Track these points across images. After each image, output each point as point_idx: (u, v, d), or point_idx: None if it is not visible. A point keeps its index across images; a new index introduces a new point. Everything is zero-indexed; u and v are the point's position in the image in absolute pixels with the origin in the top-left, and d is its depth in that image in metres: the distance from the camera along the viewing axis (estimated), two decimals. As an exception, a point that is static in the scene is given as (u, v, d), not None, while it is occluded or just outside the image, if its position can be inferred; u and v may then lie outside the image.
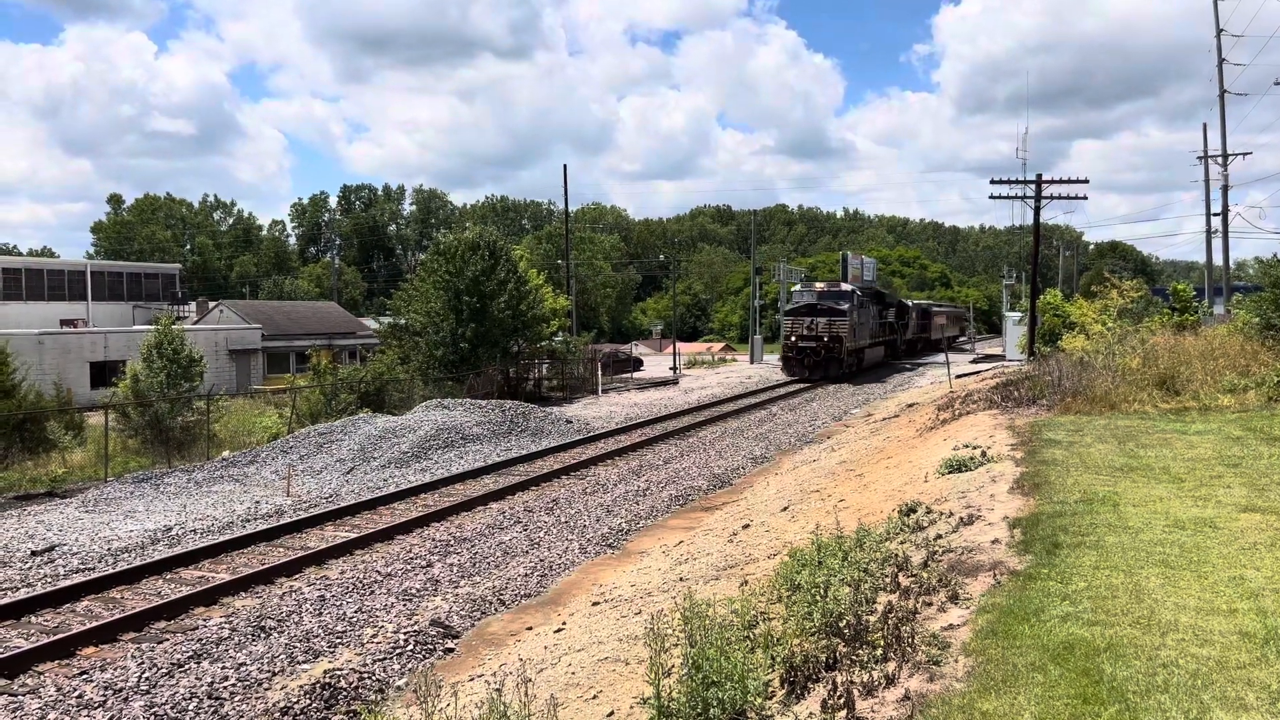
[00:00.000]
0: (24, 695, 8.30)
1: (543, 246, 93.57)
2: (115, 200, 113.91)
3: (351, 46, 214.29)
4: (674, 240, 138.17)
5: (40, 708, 8.07)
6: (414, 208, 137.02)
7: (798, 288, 48.81)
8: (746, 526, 13.47)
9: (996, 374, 33.92)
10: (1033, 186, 40.41)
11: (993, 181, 41.01)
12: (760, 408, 32.46)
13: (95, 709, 8.14)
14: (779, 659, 5.79)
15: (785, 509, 14.14)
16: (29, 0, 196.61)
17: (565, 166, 55.80)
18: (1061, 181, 40.55)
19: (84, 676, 8.74)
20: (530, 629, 10.36)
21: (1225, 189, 43.34)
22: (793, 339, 43.04)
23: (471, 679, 8.49)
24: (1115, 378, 18.37)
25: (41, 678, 8.67)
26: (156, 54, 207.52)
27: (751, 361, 60.83)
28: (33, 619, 10.51)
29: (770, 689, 5.60)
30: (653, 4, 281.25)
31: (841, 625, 6.08)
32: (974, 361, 52.93)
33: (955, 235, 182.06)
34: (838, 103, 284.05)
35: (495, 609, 11.23)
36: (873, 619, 6.20)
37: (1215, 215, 44.87)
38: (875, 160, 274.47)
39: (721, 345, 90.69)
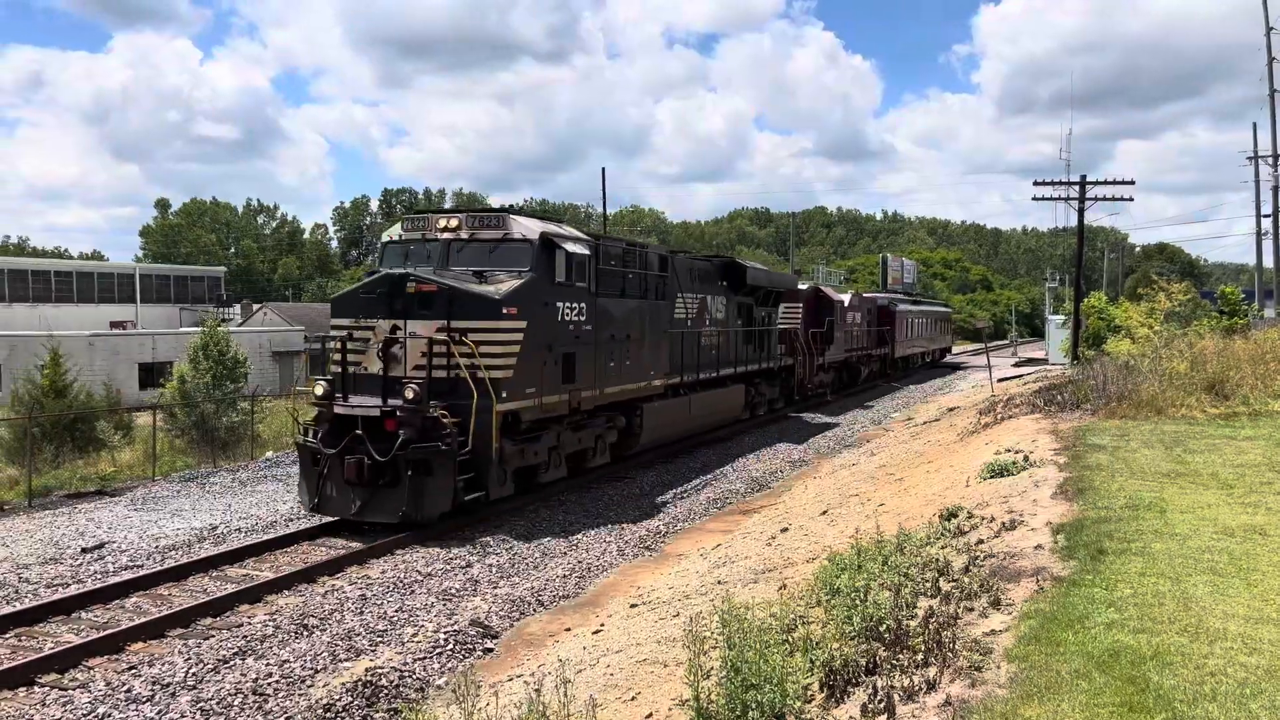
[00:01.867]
0: (74, 689, 8.48)
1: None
2: (162, 205, 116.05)
3: (391, 52, 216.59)
4: (712, 242, 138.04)
5: (90, 702, 8.24)
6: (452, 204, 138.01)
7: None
8: (785, 530, 13.42)
9: (1039, 378, 33.47)
10: (1076, 188, 39.86)
11: (1035, 183, 40.53)
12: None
13: (143, 703, 8.29)
14: (818, 663, 5.78)
15: (824, 513, 14.07)
16: (78, 9, 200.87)
17: (604, 170, 55.77)
18: (1106, 183, 39.96)
19: (132, 671, 8.91)
20: (568, 630, 10.40)
21: (1276, 189, 42.42)
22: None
23: (510, 679, 8.55)
24: (1162, 382, 18.06)
25: (91, 672, 8.86)
26: (201, 60, 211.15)
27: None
28: (83, 614, 10.73)
29: (809, 693, 5.59)
30: (690, 7, 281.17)
31: (882, 629, 6.04)
32: (1016, 365, 52.27)
33: (997, 237, 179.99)
34: (876, 104, 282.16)
35: (534, 609, 11.29)
36: (913, 624, 6.16)
37: (1265, 216, 43.98)
38: (915, 162, 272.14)
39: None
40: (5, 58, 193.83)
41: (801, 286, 34.79)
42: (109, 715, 8.02)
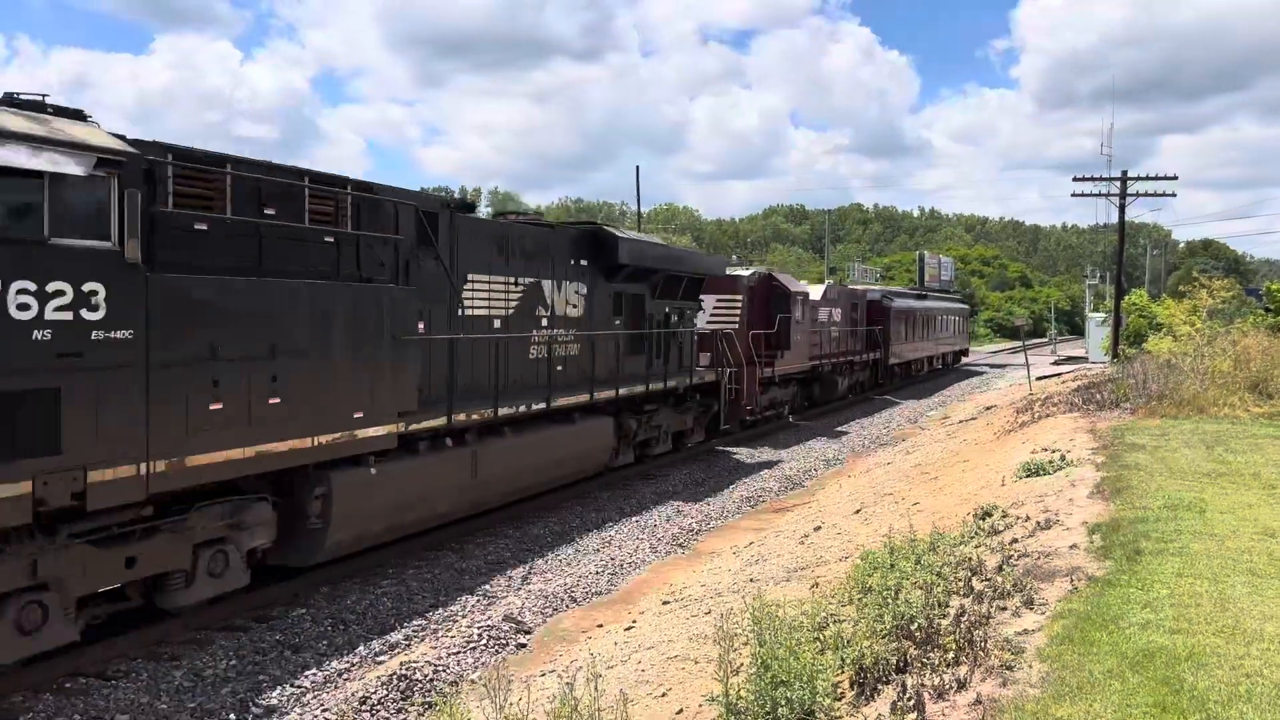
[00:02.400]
0: (118, 680, 8.67)
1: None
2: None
3: (428, 52, 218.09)
4: (747, 240, 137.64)
5: (133, 691, 8.43)
6: (490, 210, 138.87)
7: None
8: (818, 528, 13.39)
9: (1078, 376, 33.06)
10: (1117, 183, 39.29)
11: (1075, 179, 40.03)
12: (841, 410, 32.18)
13: (184, 694, 8.46)
14: (849, 660, 5.78)
15: (858, 511, 14.02)
16: (122, 11, 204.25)
17: (638, 168, 55.71)
18: (1148, 178, 39.37)
19: (173, 664, 9.08)
20: (601, 626, 10.46)
21: (1324, 184, 41.54)
22: None
23: (543, 674, 8.62)
24: (1204, 380, 17.80)
25: (134, 663, 9.04)
26: (242, 61, 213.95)
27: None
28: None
29: (840, 690, 5.60)
30: (725, 3, 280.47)
31: (913, 628, 6.03)
32: (1055, 364, 51.63)
33: (1036, 234, 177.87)
34: (913, 100, 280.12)
35: (567, 606, 11.36)
36: (945, 622, 6.14)
37: (1313, 212, 43.11)
38: (952, 158, 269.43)
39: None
40: (51, 60, 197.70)
41: (741, 272, 26.34)
42: (150, 706, 8.19)
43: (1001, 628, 6.05)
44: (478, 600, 11.43)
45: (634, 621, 10.32)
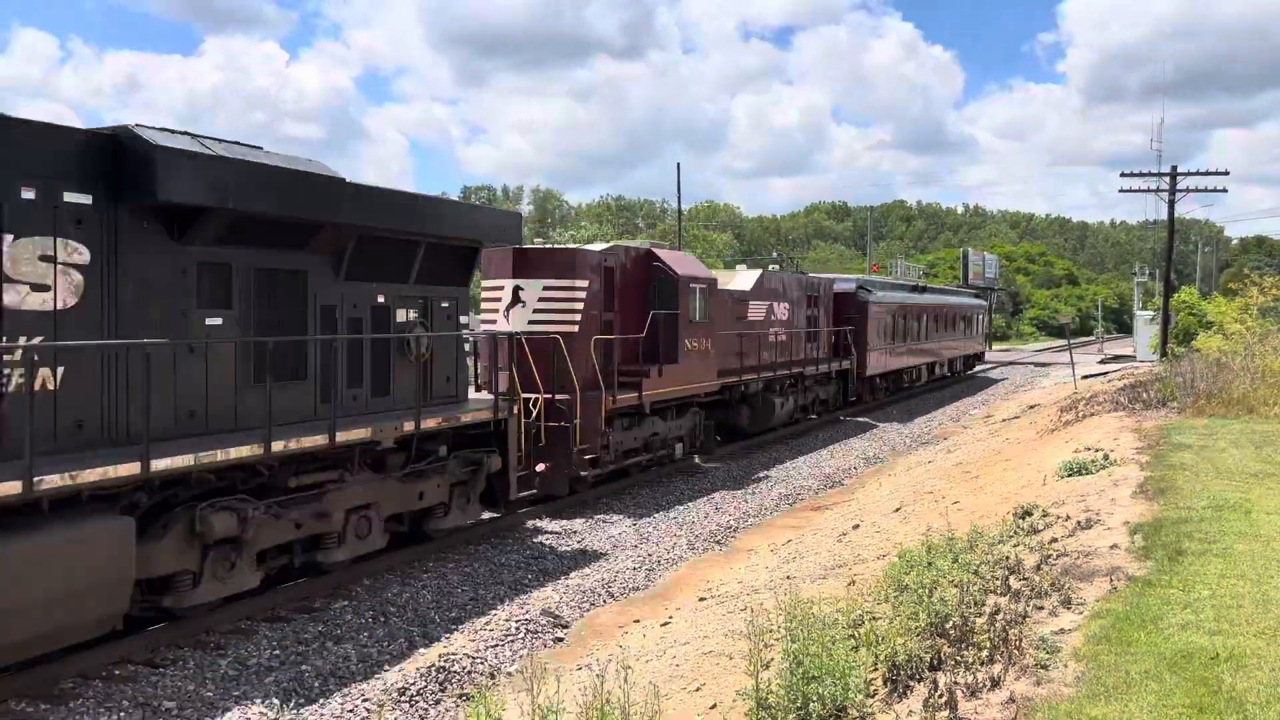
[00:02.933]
0: (165, 667, 8.88)
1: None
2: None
3: (470, 51, 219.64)
4: (788, 237, 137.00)
5: (180, 679, 8.63)
6: (531, 208, 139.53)
7: None
8: (856, 527, 13.34)
9: (1125, 375, 32.53)
10: (1167, 179, 38.61)
11: (1124, 174, 39.44)
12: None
13: (229, 682, 8.65)
14: (882, 657, 5.77)
15: (897, 510, 13.95)
16: (172, 14, 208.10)
17: (679, 165, 55.77)
18: (1199, 174, 38.64)
19: (219, 652, 9.28)
20: (637, 621, 10.51)
21: (1383, 179, 40.50)
22: None
23: (579, 668, 8.69)
24: (1254, 379, 17.45)
25: (181, 651, 9.25)
26: (288, 62, 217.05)
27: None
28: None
29: (872, 687, 5.59)
30: (766, 0, 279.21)
31: (947, 626, 6.01)
32: (1102, 362, 50.82)
33: (1083, 231, 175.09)
34: (957, 95, 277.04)
35: (603, 600, 11.43)
36: (980, 621, 6.12)
37: (1371, 207, 42.05)
38: (996, 154, 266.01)
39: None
40: (104, 62, 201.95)
41: (593, 247, 17.74)
42: (196, 693, 8.38)
43: (1038, 627, 6.01)
44: (516, 594, 11.54)
45: (670, 617, 10.37)
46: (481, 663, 9.25)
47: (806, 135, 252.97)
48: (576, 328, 16.01)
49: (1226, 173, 37.71)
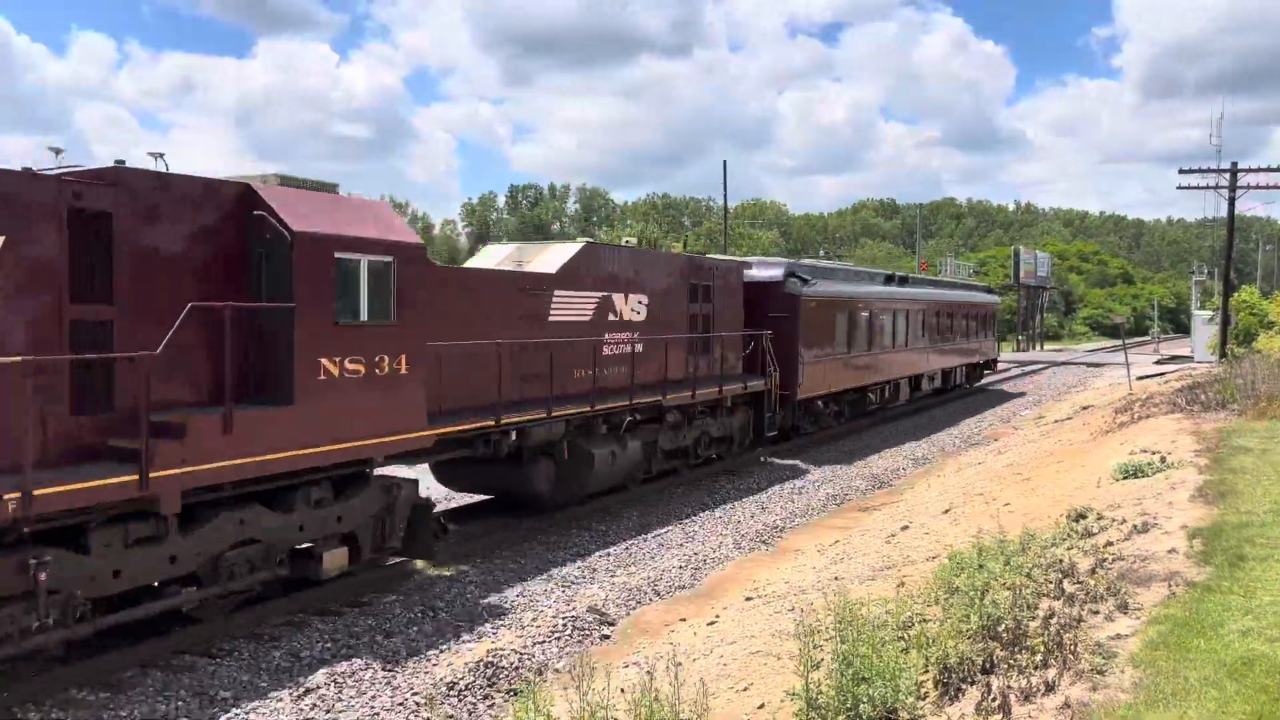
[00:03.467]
0: (221, 658, 9.06)
1: (702, 243, 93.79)
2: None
3: (517, 50, 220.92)
4: (835, 235, 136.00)
5: (235, 669, 8.80)
6: (578, 206, 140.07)
7: None
8: (905, 528, 13.21)
9: (1182, 376, 31.83)
10: (1227, 175, 37.73)
11: (1181, 171, 38.63)
12: (931, 408, 31.60)
13: (282, 673, 8.80)
14: (933, 660, 5.72)
15: (946, 511, 13.79)
16: (227, 16, 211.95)
17: (725, 163, 55.47)
18: (1260, 170, 37.70)
19: (273, 644, 9.45)
20: (683, 620, 10.51)
21: None
22: None
23: (626, 665, 8.71)
24: (1318, 381, 16.97)
25: (236, 642, 9.43)
26: (338, 63, 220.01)
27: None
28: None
29: (923, 689, 5.54)
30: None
31: (1000, 629, 5.93)
32: (1158, 363, 49.77)
33: (1139, 228, 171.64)
34: (1008, 91, 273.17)
35: (650, 599, 11.44)
36: (1033, 624, 6.03)
37: None
38: (1048, 151, 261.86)
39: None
40: (159, 64, 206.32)
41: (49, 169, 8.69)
42: (251, 684, 8.54)
43: (1093, 631, 5.91)
44: (562, 591, 11.60)
45: (717, 616, 10.35)
46: (529, 659, 9.31)
47: (854, 132, 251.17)
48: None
49: (1289, 168, 36.73)
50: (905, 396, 29.33)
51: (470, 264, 16.48)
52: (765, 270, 21.87)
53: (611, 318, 15.75)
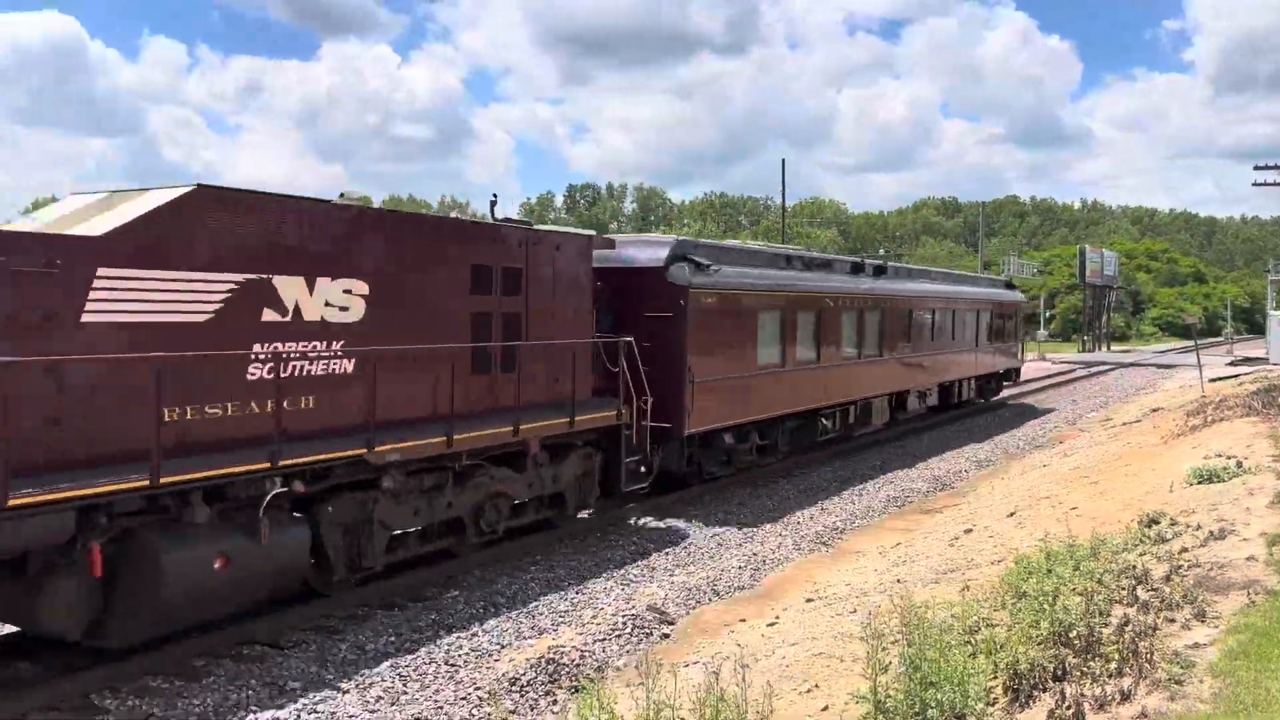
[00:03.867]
0: (290, 649, 9.25)
1: (759, 242, 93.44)
2: (364, 203, 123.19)
3: (574, 50, 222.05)
4: (894, 234, 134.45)
5: (303, 660, 8.98)
6: (635, 205, 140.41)
7: None
8: (969, 531, 13.02)
9: (1258, 378, 30.88)
10: (1305, 171, 36.54)
11: (1257, 167, 37.49)
12: (990, 410, 31.11)
13: (348, 665, 8.96)
14: (1002, 665, 5.62)
15: (1011, 514, 13.55)
16: (292, 20, 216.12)
17: (783, 161, 55.09)
18: (1341, 165, 36.44)
19: (338, 637, 9.62)
20: (743, 620, 10.47)
21: None
22: None
23: (687, 664, 8.71)
24: (1404, 384, 16.35)
25: (304, 634, 9.62)
26: (399, 65, 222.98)
27: (976, 360, 58.01)
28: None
29: (992, 695, 5.45)
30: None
31: (1071, 635, 5.81)
32: (1231, 364, 48.35)
33: (1211, 226, 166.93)
34: (1073, 86, 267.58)
35: (709, 599, 11.42)
36: (1107, 632, 5.89)
37: None
38: (1116, 147, 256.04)
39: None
40: (228, 67, 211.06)
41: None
42: (318, 675, 8.71)
43: (1169, 640, 5.76)
44: (621, 589, 11.63)
45: (777, 617, 10.30)
46: (589, 656, 9.35)
47: (914, 130, 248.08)
48: None
49: (1372, 164, 35.44)
50: (882, 419, 22.73)
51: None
52: (638, 251, 15.61)
53: (273, 317, 9.34)
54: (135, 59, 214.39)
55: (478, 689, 8.52)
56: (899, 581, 10.44)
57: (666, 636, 10.12)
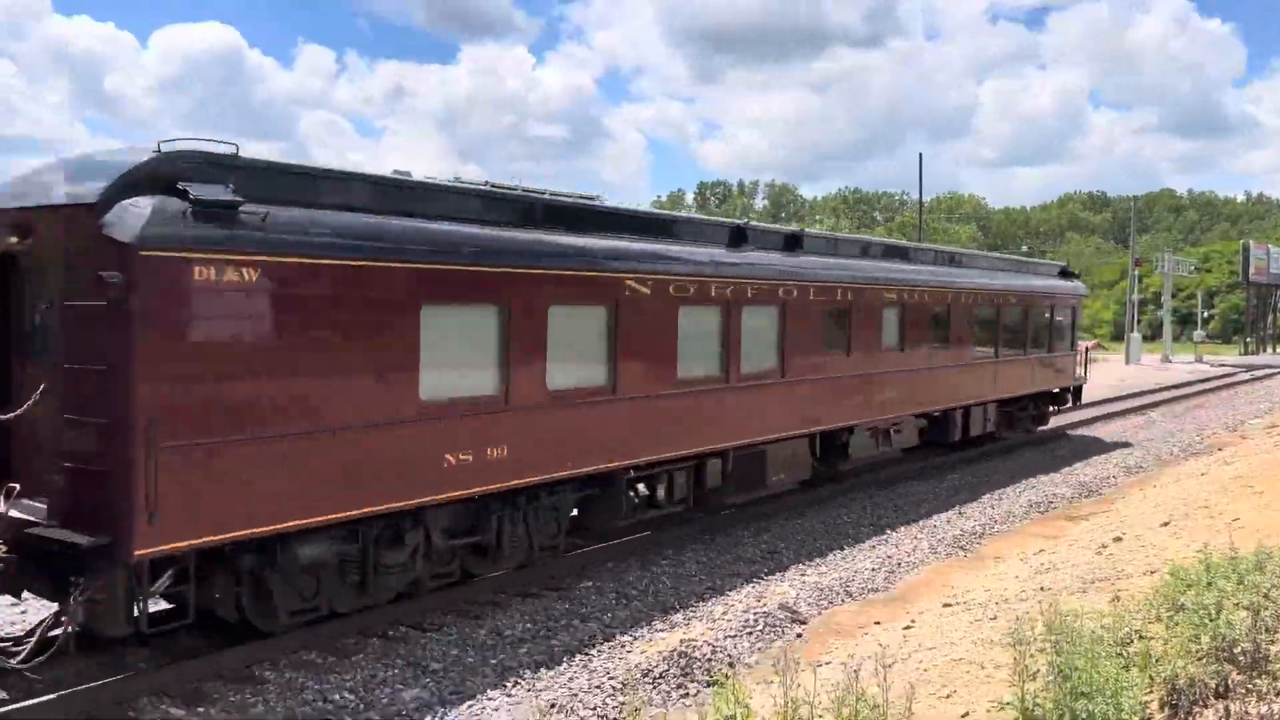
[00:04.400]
0: (432, 632, 9.61)
1: (894, 238, 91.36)
2: None
3: (706, 47, 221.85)
4: (1038, 230, 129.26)
5: (445, 644, 9.32)
6: (766, 202, 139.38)
7: None
8: (1118, 539, 12.45)
9: None
10: None
11: None
12: (1136, 413, 29.62)
13: (487, 650, 9.24)
14: (1159, 679, 5.37)
15: (1165, 524, 12.88)
16: (433, 26, 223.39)
17: (920, 155, 53.66)
18: None
19: (477, 622, 9.93)
20: (877, 623, 10.30)
21: None
22: None
23: (820, 665, 8.63)
24: None
25: (445, 617, 9.97)
26: (534, 66, 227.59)
27: (1126, 362, 55.54)
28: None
29: (1147, 710, 5.22)
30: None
31: (1236, 652, 5.50)
32: None
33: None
34: (1237, 73, 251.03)
35: (841, 600, 11.28)
36: (1274, 649, 5.56)
37: None
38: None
39: (1092, 343, 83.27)
40: (374, 73, 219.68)
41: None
42: (459, 659, 9.02)
43: (1346, 661, 5.39)
44: (752, 587, 11.61)
45: (912, 621, 10.09)
46: (721, 652, 9.37)
47: (1060, 121, 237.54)
48: None
49: None
50: (794, 474, 15.03)
51: None
52: (59, 176, 8.04)
53: None
54: (289, 66, 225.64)
55: (611, 678, 8.66)
56: (1043, 589, 10.08)
57: (799, 636, 10.05)
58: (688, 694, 8.45)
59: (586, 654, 9.28)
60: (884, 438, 17.09)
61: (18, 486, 7.44)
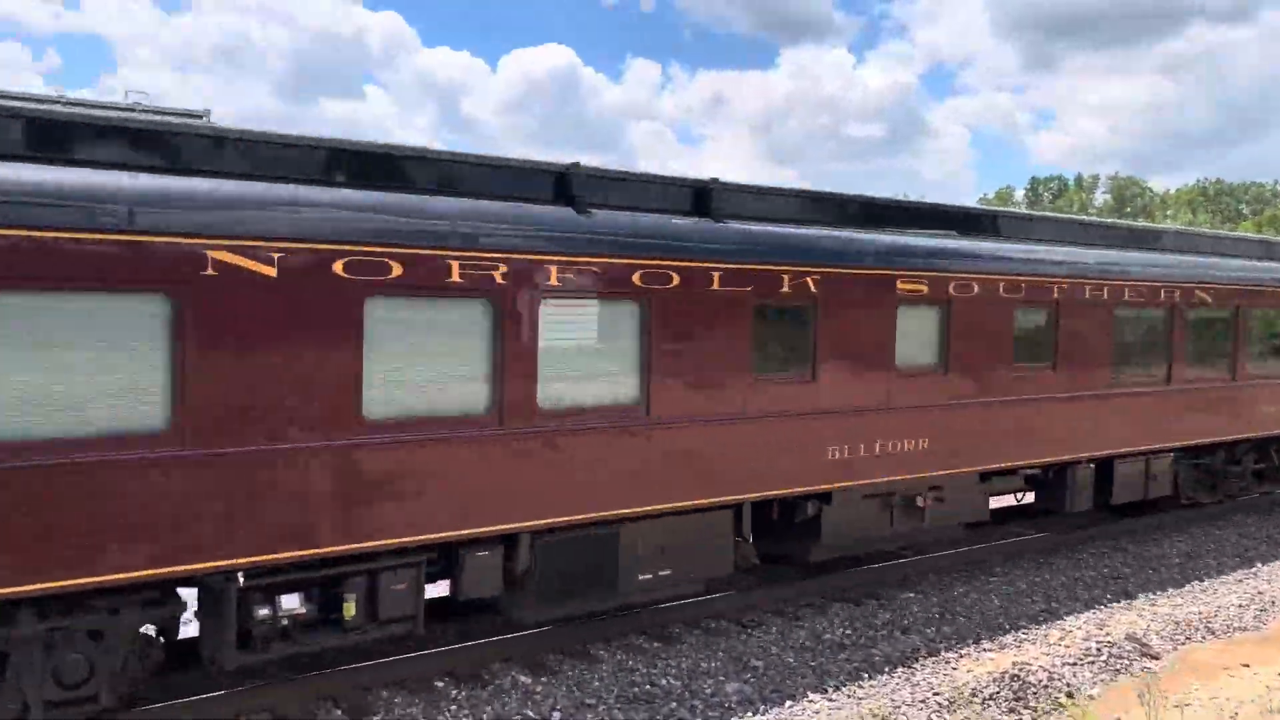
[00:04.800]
0: (752, 629, 9.78)
1: (1264, 234, 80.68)
2: None
3: (1039, 34, 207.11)
4: None
5: (764, 641, 9.45)
6: (1107, 196, 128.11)
7: None
8: None
9: None
10: None
11: None
12: None
13: (806, 652, 9.26)
14: None
15: None
16: (755, 31, 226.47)
17: (1302, 139, 46.94)
18: None
19: (797, 623, 9.98)
20: (1246, 666, 9.17)
21: None
22: None
23: (1176, 706, 7.83)
24: None
25: (764, 615, 10.12)
26: (854, 66, 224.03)
27: None
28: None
29: None
30: None
31: None
32: None
33: None
34: None
35: (1201, 636, 10.15)
36: None
37: None
38: None
39: None
40: (695, 82, 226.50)
41: None
42: (779, 658, 9.11)
43: None
44: (1092, 613, 10.75)
45: (1291, 667, 8.89)
46: (1058, 679, 8.76)
47: None
48: None
49: None
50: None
51: None
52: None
53: None
54: (618, 80, 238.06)
55: (936, 694, 8.37)
56: None
57: (1148, 670, 9.17)
58: (1020, 718, 7.98)
59: (909, 667, 9.02)
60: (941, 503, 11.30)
61: None
